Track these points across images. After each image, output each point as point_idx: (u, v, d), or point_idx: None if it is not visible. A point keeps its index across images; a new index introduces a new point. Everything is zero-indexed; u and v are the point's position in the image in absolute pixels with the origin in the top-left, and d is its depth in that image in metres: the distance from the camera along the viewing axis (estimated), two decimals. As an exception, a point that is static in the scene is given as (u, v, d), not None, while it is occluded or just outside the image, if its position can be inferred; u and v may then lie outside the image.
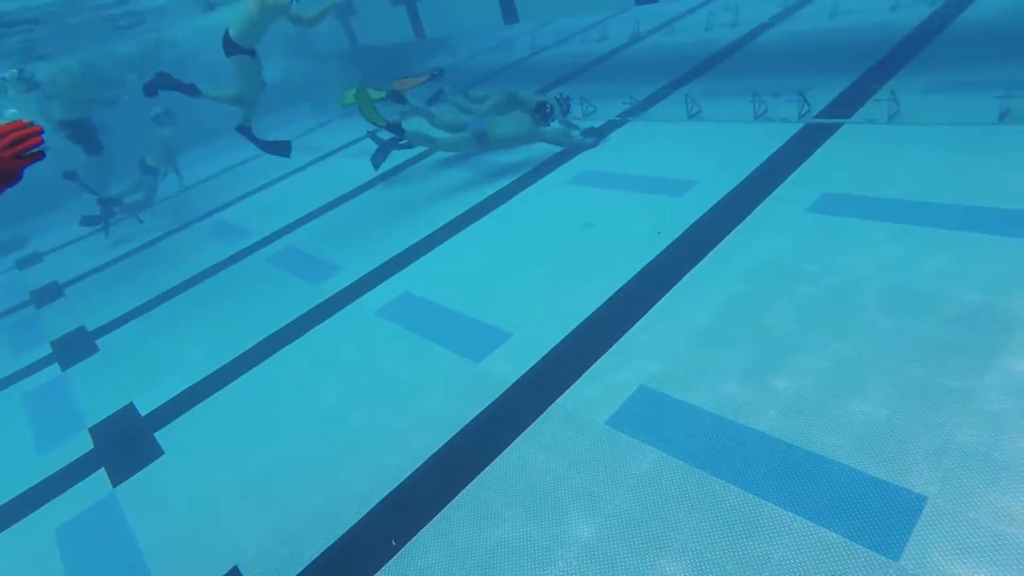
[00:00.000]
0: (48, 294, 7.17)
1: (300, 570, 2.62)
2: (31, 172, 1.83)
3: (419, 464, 2.96)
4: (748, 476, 2.39)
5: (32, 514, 3.54)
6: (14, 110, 7.30)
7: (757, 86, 5.92)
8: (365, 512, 2.79)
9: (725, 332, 3.17)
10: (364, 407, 3.51)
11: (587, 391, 3.07)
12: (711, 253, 3.83)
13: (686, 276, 3.68)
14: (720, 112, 5.89)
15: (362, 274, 5.07)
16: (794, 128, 5.15)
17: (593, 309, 3.68)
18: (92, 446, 4.00)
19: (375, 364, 3.86)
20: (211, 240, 7.12)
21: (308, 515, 2.89)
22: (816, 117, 5.21)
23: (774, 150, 4.89)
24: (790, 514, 2.20)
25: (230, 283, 5.83)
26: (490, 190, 5.88)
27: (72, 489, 3.64)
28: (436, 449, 3.02)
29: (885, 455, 2.30)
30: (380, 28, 10.71)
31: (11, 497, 3.75)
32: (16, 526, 3.50)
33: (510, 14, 8.14)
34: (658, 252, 4.03)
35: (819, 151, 4.67)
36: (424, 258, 5.02)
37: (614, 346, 3.31)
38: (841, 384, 2.66)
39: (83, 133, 7.91)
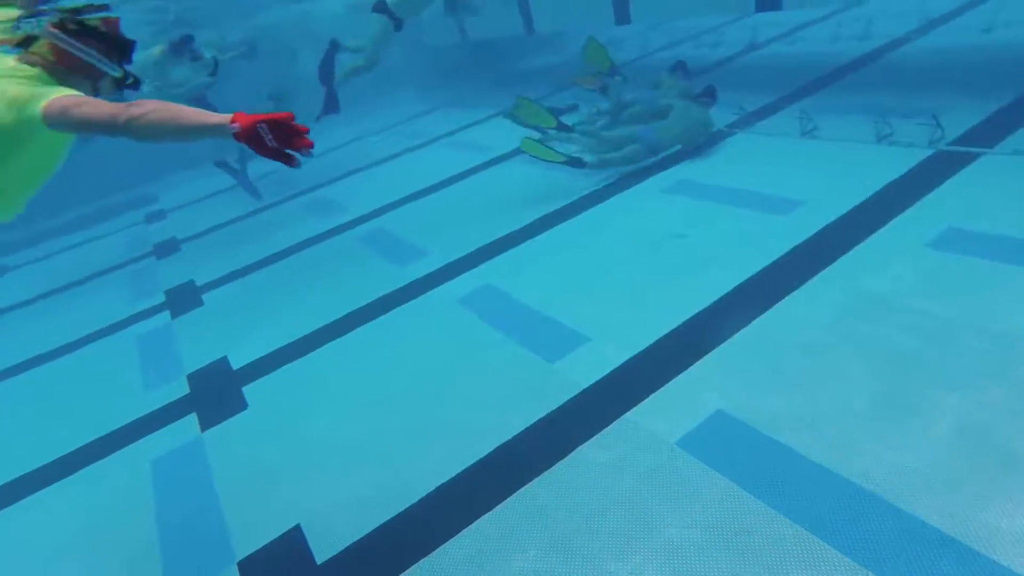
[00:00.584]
0: (168, 248, 7.84)
1: (356, 539, 2.71)
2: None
3: (478, 458, 2.98)
4: (830, 526, 2.22)
5: (134, 443, 3.89)
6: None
7: (883, 106, 5.49)
8: (417, 498, 2.84)
9: (812, 365, 2.96)
10: (433, 392, 3.57)
11: (661, 408, 2.96)
12: (811, 280, 3.59)
13: (781, 302, 3.47)
14: (838, 131, 5.50)
15: (447, 261, 5.16)
16: (922, 154, 4.73)
17: (676, 323, 3.55)
18: (188, 391, 4.33)
19: (450, 351, 3.92)
20: (311, 214, 7.51)
21: (367, 489, 2.98)
22: (950, 144, 4.76)
23: (896, 176, 4.51)
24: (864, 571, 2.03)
25: (323, 257, 6.12)
26: (584, 191, 5.82)
27: (167, 427, 3.97)
28: (497, 445, 3.02)
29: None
30: (490, 22, 10.84)
31: (120, 425, 4.13)
32: (120, 452, 3.85)
33: (623, 15, 8.00)
34: (754, 272, 3.83)
35: (949, 182, 4.26)
36: (510, 252, 5.04)
37: (695, 364, 3.18)
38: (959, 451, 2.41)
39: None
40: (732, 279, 3.80)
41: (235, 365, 4.47)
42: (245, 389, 4.15)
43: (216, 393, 4.21)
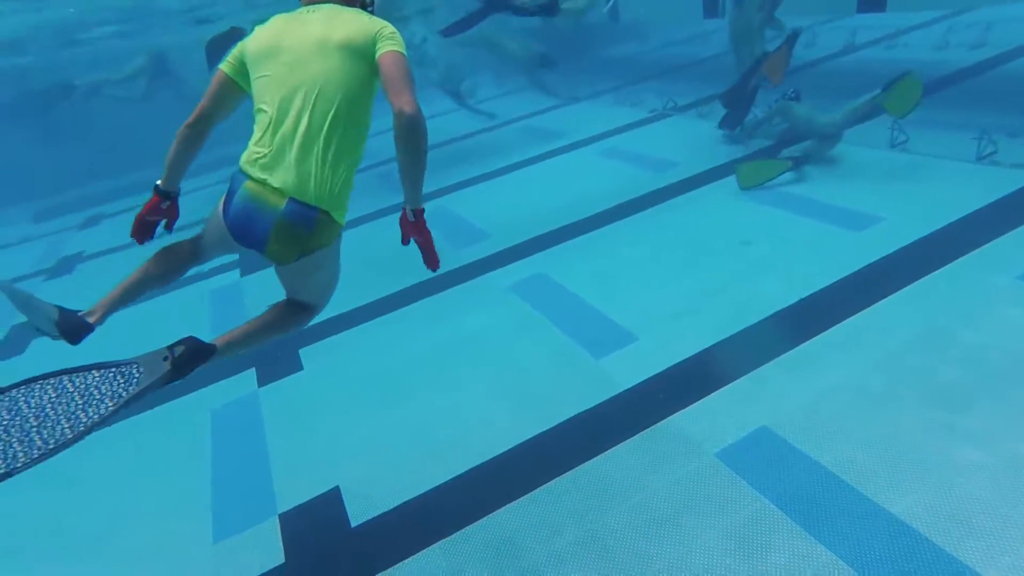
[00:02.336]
0: (244, 208, 8.23)
1: (389, 508, 2.81)
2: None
3: (513, 444, 3.01)
4: (858, 555, 2.13)
5: (198, 391, 4.15)
6: None
7: (988, 122, 5.09)
8: (452, 476, 2.90)
9: (869, 392, 2.81)
10: (477, 376, 3.63)
11: (703, 417, 2.90)
12: (879, 302, 3.40)
13: (843, 322, 3.31)
14: (933, 146, 5.15)
15: (505, 247, 5.20)
16: (1026, 178, 4.37)
17: (730, 332, 3.45)
18: (250, 347, 4.57)
19: (501, 338, 3.96)
20: (380, 187, 7.70)
21: (405, 461, 3.08)
22: (1060, 169, 4.38)
23: (992, 199, 4.19)
24: (904, 615, 1.94)
25: (384, 232, 6.27)
26: (652, 187, 5.71)
27: (228, 379, 4.20)
28: (533, 434, 3.04)
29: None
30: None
31: (183, 374, 4.41)
32: (183, 398, 4.12)
33: (712, 8, 7.73)
34: (818, 288, 3.66)
35: (1054, 210, 3.92)
36: (569, 243, 5.02)
37: (744, 377, 3.09)
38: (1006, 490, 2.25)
39: None
40: (794, 293, 3.65)
41: (296, 327, 4.68)
42: (301, 351, 4.34)
43: (275, 352, 4.42)
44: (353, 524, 2.79)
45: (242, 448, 3.49)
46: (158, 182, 2.22)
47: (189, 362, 1.86)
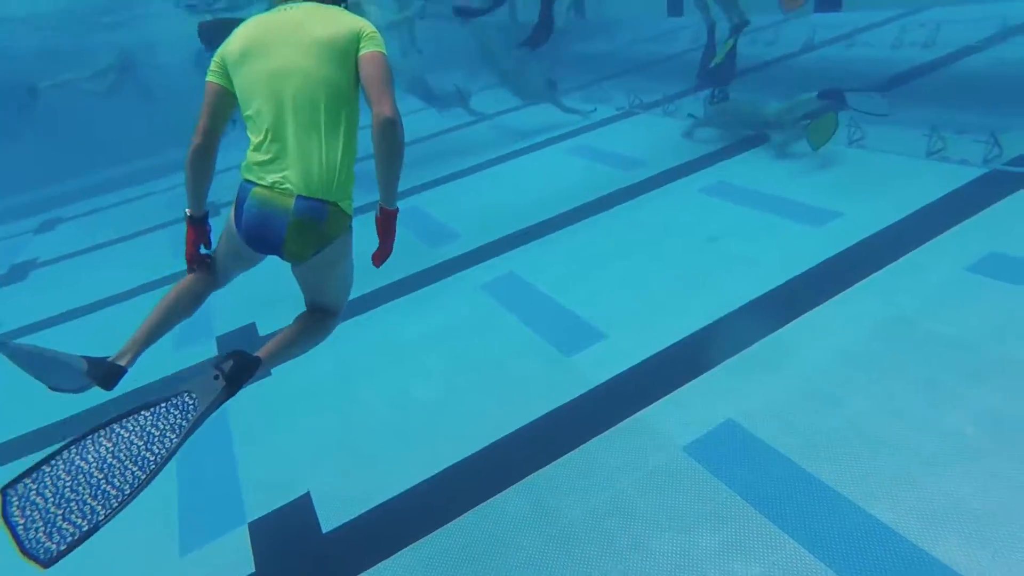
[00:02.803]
0: (211, 210, 8.05)
1: (360, 512, 2.79)
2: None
3: (488, 443, 3.02)
4: (829, 547, 2.20)
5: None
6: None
7: (938, 119, 5.27)
8: (423, 479, 2.90)
9: (833, 385, 2.90)
10: (450, 376, 3.63)
11: (672, 411, 2.95)
12: (839, 295, 3.51)
13: (805, 315, 3.41)
14: (887, 142, 5.33)
15: (476, 246, 5.20)
16: (974, 173, 4.55)
17: (697, 327, 3.52)
18: (215, 352, 4.49)
19: (471, 336, 3.97)
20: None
21: (375, 464, 3.06)
22: (1007, 164, 4.56)
23: (942, 194, 4.35)
24: (864, 598, 2.01)
25: (357, 232, 6.21)
26: (620, 184, 5.77)
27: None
28: (507, 433, 3.06)
29: None
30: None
31: (148, 381, 4.30)
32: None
33: (676, 6, 7.83)
34: (781, 282, 3.76)
35: (1001, 204, 4.09)
36: (538, 241, 5.05)
37: (711, 371, 3.16)
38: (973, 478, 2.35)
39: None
40: (757, 287, 3.74)
41: (262, 331, 4.61)
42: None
43: (242, 357, 4.35)
44: (324, 530, 2.77)
45: (209, 457, 3.42)
46: (187, 211, 2.24)
47: (239, 374, 1.88)
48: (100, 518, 1.52)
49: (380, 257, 2.23)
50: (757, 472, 2.54)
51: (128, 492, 1.58)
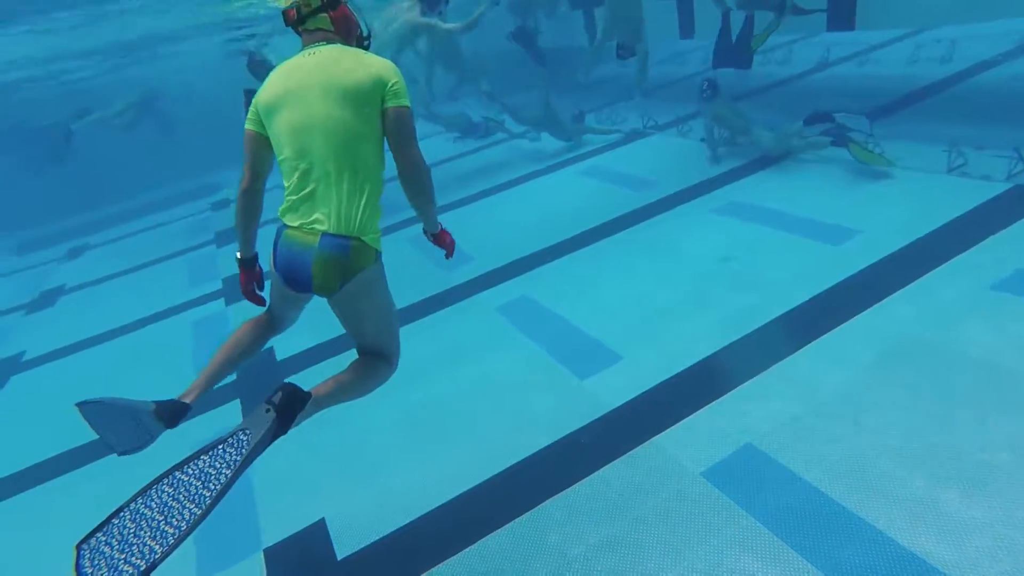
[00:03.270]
0: (228, 236, 8.20)
1: (375, 539, 2.78)
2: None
3: (498, 470, 2.99)
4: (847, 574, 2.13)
5: (180, 425, 4.08)
6: None
7: (958, 135, 5.21)
8: (436, 505, 2.88)
9: (854, 409, 2.84)
10: (465, 400, 3.61)
11: (688, 436, 2.91)
12: (859, 316, 3.45)
13: (824, 336, 3.35)
14: (905, 159, 5.26)
15: (490, 268, 5.21)
16: (997, 189, 4.47)
17: (713, 349, 3.48)
18: (234, 377, 4.52)
19: (485, 360, 3.96)
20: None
21: (390, 491, 3.05)
22: (1030, 180, 4.48)
23: (964, 211, 4.28)
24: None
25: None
26: (632, 206, 5.77)
27: (214, 410, 4.15)
28: (521, 459, 3.03)
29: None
30: (555, 31, 10.88)
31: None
32: (167, 432, 4.05)
33: (688, 28, 7.89)
34: (798, 302, 3.71)
35: None
36: (551, 264, 5.05)
37: (728, 394, 3.11)
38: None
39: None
40: (774, 309, 3.69)
41: (280, 356, 4.65)
42: (287, 381, 4.30)
43: (260, 382, 4.39)
44: (339, 556, 2.75)
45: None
46: (238, 254, 2.42)
47: (289, 406, 1.97)
48: (158, 556, 1.61)
49: (448, 254, 2.61)
50: (778, 498, 2.48)
51: (184, 529, 1.67)
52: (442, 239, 2.53)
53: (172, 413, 2.11)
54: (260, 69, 6.90)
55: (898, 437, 2.62)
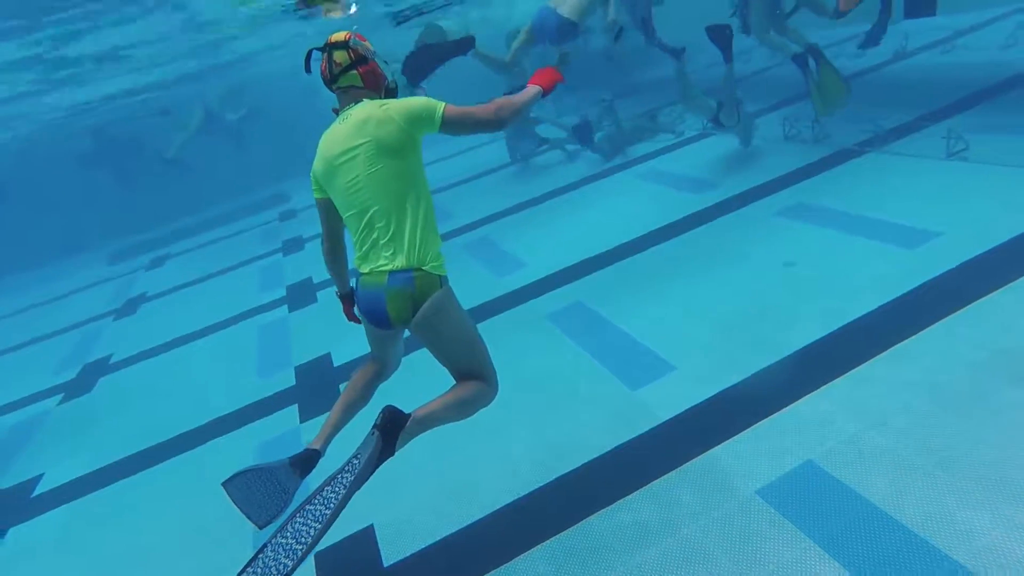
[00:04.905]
0: (294, 245, 8.55)
1: (423, 546, 2.79)
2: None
3: (546, 480, 2.95)
4: (921, 609, 1.95)
5: (245, 427, 4.28)
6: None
7: (1055, 125, 4.75)
8: (486, 513, 2.86)
9: (925, 427, 2.61)
10: (514, 407, 3.57)
11: (744, 451, 2.76)
12: (935, 325, 3.18)
13: (894, 347, 3.11)
14: (995, 154, 4.83)
15: (543, 275, 5.18)
16: (1100, 185, 4.04)
17: (773, 360, 3.30)
18: (294, 382, 4.69)
19: (535, 367, 3.92)
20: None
21: (441, 497, 3.05)
22: None
23: (1061, 209, 3.88)
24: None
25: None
26: (691, 209, 5.59)
27: (272, 415, 4.32)
28: (569, 469, 2.97)
29: None
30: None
31: (234, 409, 4.56)
32: (232, 433, 4.25)
33: (748, 26, 7.56)
34: (868, 310, 3.46)
35: None
36: (606, 270, 4.96)
37: (788, 407, 2.93)
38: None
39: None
40: (842, 317, 3.46)
41: (336, 362, 4.78)
42: (342, 386, 4.40)
43: (317, 387, 4.52)
44: (386, 563, 2.78)
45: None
46: (336, 291, 2.79)
47: (390, 426, 2.19)
48: (289, 567, 1.93)
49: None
50: (839, 520, 2.31)
51: (309, 543, 1.97)
52: (550, 84, 2.54)
53: (305, 462, 2.40)
54: (420, 62, 6.61)
55: (979, 462, 2.39)
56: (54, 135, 12.52)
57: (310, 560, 2.93)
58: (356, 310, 2.56)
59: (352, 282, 2.59)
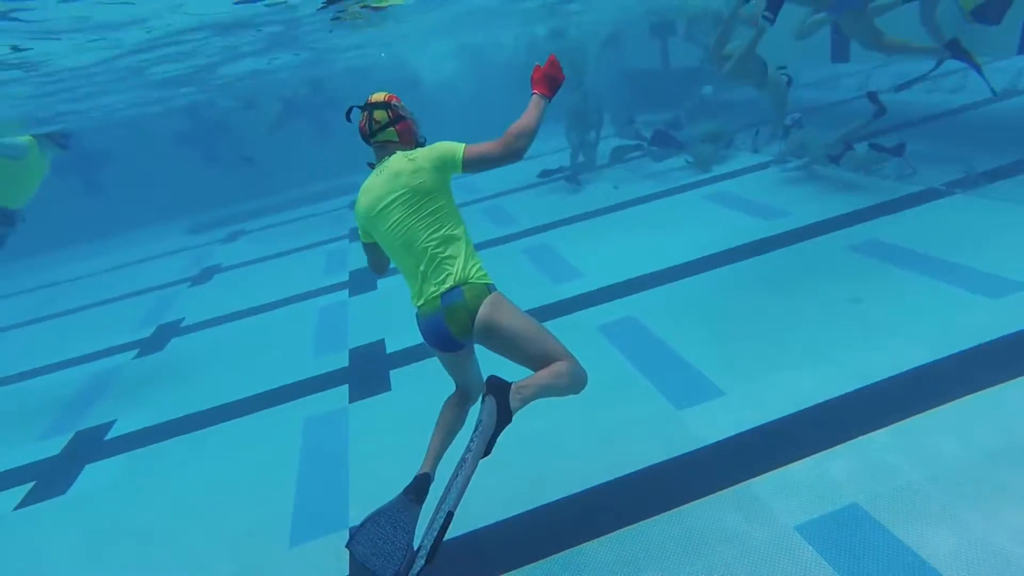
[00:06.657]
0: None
1: (455, 536, 2.84)
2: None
3: (578, 490, 2.95)
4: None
5: (296, 400, 4.47)
6: None
7: None
8: (517, 512, 2.90)
9: (982, 487, 2.46)
10: (556, 416, 3.59)
11: (787, 485, 2.68)
12: (1013, 382, 2.99)
13: (963, 399, 2.94)
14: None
15: (598, 286, 5.17)
16: None
17: (826, 397, 3.19)
18: (347, 364, 4.87)
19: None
20: (486, 220, 7.97)
21: (477, 494, 3.09)
22: None
23: None
24: None
25: (486, 263, 6.46)
26: (757, 235, 5.46)
27: (323, 393, 4.50)
28: (603, 480, 2.97)
29: None
30: (694, 50, 10.62)
31: (288, 382, 4.78)
32: (284, 406, 4.45)
33: (841, 52, 7.34)
34: (933, 359, 3.29)
35: None
36: (663, 287, 4.90)
37: (839, 446, 2.83)
38: None
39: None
40: (907, 360, 3.31)
41: (389, 349, 4.93)
42: (393, 372, 4.55)
43: (368, 371, 4.68)
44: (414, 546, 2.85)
45: (327, 460, 3.70)
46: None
47: (495, 389, 2.32)
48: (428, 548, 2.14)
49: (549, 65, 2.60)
50: (881, 570, 2.22)
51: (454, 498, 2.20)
52: (551, 89, 2.56)
53: (419, 488, 2.54)
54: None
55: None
56: (160, 109, 13.40)
57: (343, 533, 3.04)
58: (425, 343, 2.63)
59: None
